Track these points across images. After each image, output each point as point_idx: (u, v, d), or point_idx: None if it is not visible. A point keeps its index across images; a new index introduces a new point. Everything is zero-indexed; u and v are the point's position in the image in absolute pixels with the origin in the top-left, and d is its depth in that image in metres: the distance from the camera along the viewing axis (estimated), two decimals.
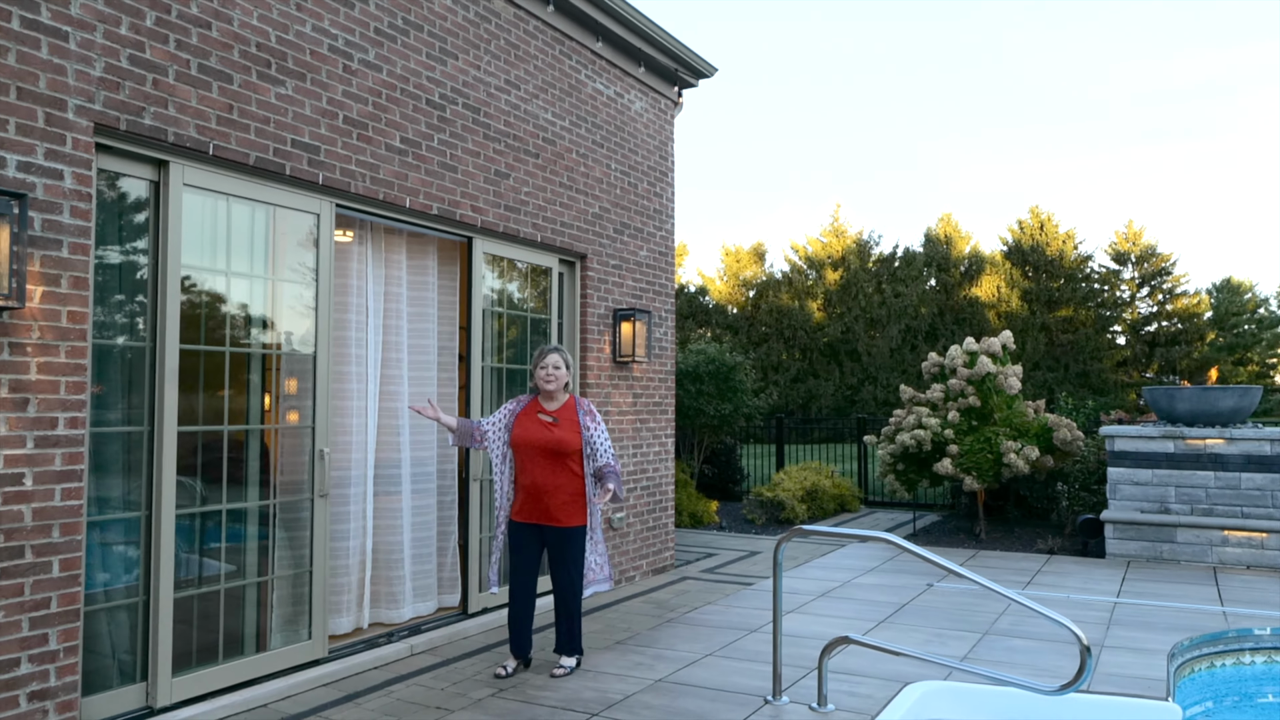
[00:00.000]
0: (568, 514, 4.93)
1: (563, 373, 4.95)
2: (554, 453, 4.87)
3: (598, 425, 5.02)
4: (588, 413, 5.04)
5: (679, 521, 10.48)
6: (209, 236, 4.45)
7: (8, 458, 3.48)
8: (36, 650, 3.55)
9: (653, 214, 7.90)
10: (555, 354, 4.97)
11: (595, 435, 4.99)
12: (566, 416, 4.98)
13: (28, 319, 3.56)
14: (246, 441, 4.65)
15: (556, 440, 4.86)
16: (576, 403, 5.06)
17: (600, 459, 4.99)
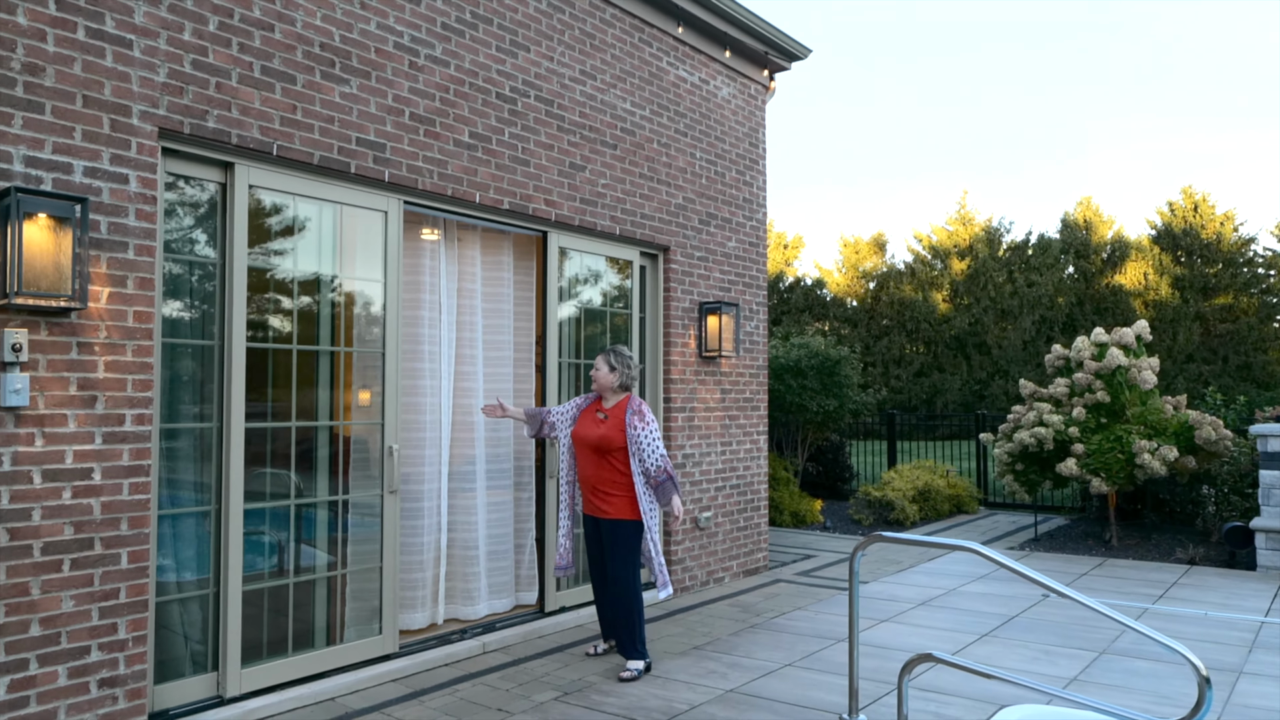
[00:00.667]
0: (613, 507, 5.01)
1: (603, 374, 5.09)
2: (599, 449, 5.02)
3: (645, 425, 5.00)
4: (636, 412, 5.06)
5: (780, 521, 10.15)
6: (275, 236, 4.53)
7: (77, 453, 3.62)
8: (106, 639, 3.68)
9: (742, 204, 7.62)
10: (600, 355, 5.15)
11: (641, 434, 4.98)
12: (616, 415, 5.10)
13: (95, 319, 3.69)
14: (315, 438, 4.71)
15: (600, 437, 5.02)
16: (629, 403, 5.11)
17: (648, 460, 4.97)
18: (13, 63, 3.47)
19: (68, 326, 3.60)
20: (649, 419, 5.02)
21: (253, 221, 4.40)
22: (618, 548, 5.00)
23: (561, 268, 6.10)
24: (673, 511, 5.07)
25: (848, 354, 11.16)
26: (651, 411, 5.27)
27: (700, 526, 7.01)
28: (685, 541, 6.87)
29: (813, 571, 7.81)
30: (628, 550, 5.01)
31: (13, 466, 3.44)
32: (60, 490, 3.56)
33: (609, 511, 5.00)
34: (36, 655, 3.48)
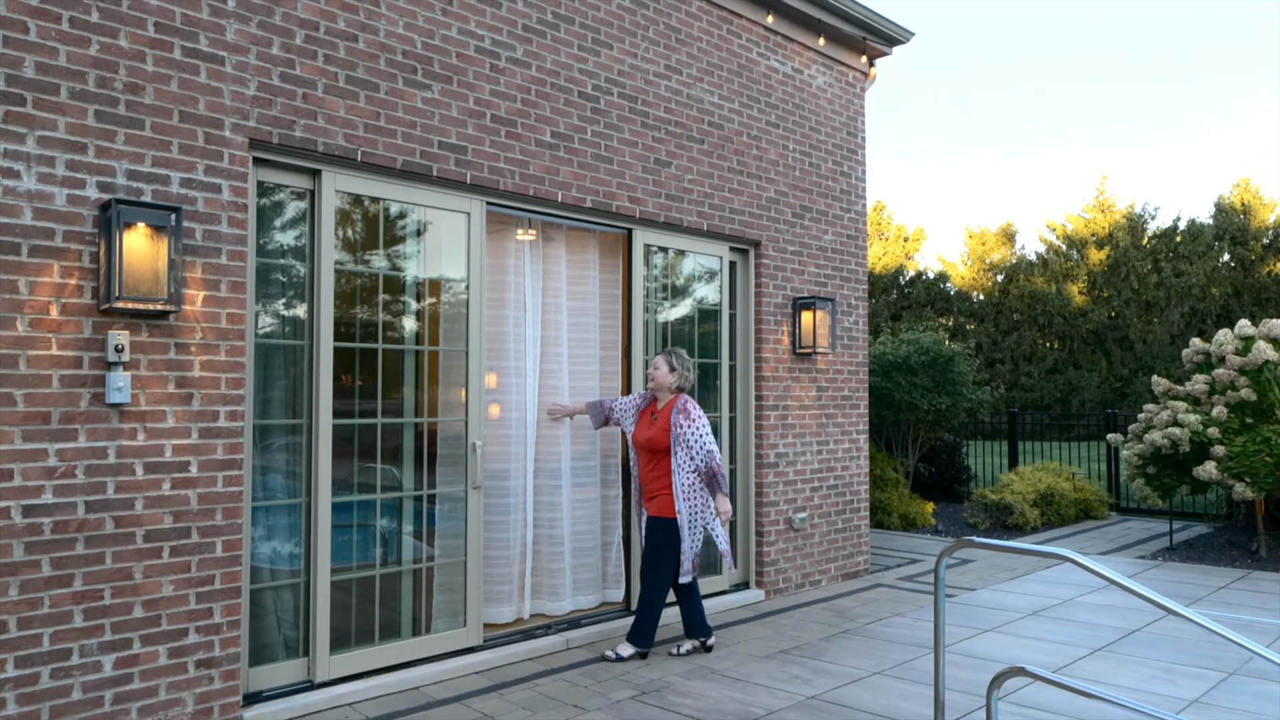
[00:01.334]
0: (654, 506, 5.21)
1: (662, 373, 5.23)
2: (649, 450, 5.23)
3: (690, 422, 5.10)
4: (680, 410, 5.16)
5: (888, 524, 9.81)
6: (361, 239, 4.70)
7: (175, 447, 3.86)
8: (202, 622, 3.91)
9: (838, 195, 7.40)
10: (660, 355, 5.30)
11: (687, 431, 5.10)
12: (664, 416, 5.22)
13: (190, 321, 3.92)
14: (401, 434, 4.86)
15: (649, 438, 5.24)
16: (675, 402, 5.22)
17: (696, 455, 5.07)
18: (115, 83, 3.73)
19: (166, 328, 3.85)
20: (694, 415, 5.14)
21: (339, 225, 4.59)
22: (651, 541, 5.17)
23: (647, 264, 6.08)
24: (719, 509, 5.14)
25: (961, 350, 10.67)
26: (700, 409, 5.24)
27: (795, 528, 6.85)
28: (779, 543, 6.73)
29: (917, 577, 7.51)
30: (659, 545, 5.14)
31: (117, 459, 3.70)
32: (160, 482, 3.81)
33: (650, 509, 5.23)
34: (139, 635, 3.73)
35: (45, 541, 3.51)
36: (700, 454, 5.08)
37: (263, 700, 4.18)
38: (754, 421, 6.70)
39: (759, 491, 6.66)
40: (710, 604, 6.21)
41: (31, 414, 3.50)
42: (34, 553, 3.49)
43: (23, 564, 3.46)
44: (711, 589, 6.39)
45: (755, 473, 6.68)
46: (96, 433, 3.65)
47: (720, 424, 6.54)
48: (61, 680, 3.54)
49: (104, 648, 3.64)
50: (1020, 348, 25.56)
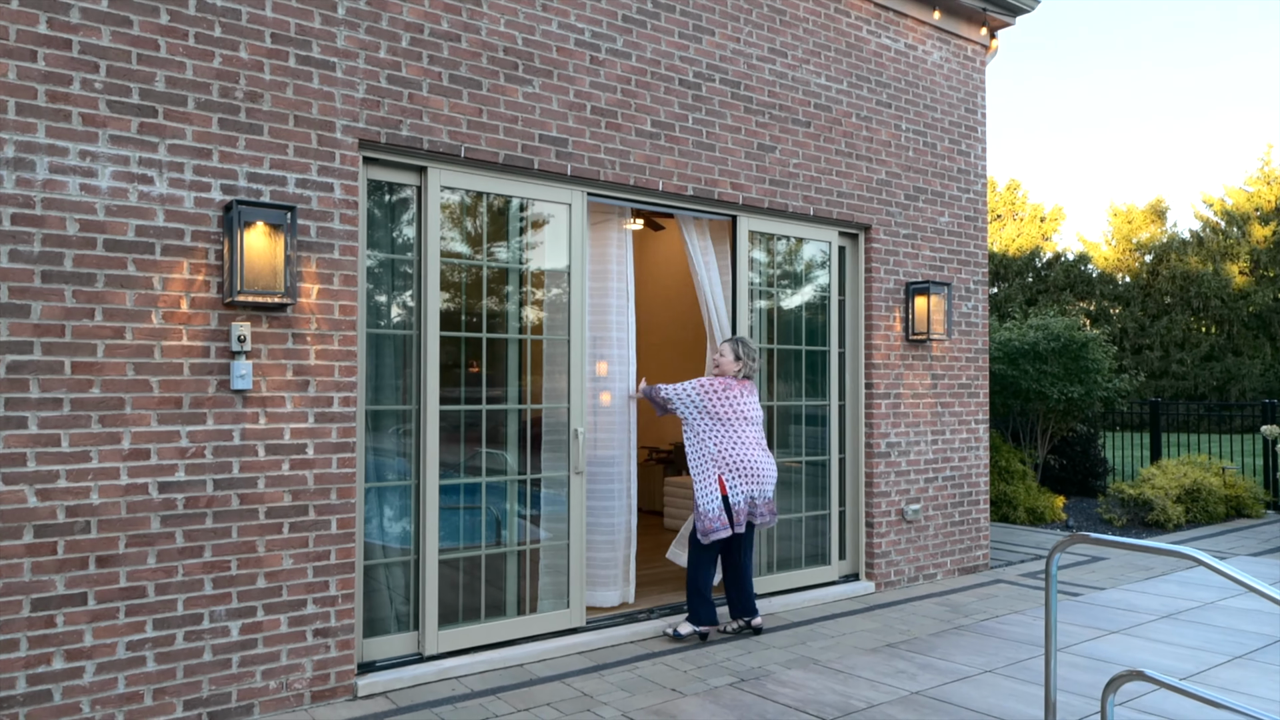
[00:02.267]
0: None
1: (728, 359, 5.36)
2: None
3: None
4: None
5: (1014, 518, 9.38)
6: (465, 232, 4.87)
7: (293, 430, 4.12)
8: (319, 594, 4.17)
9: (955, 175, 7.10)
10: (726, 343, 5.42)
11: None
12: None
13: (306, 313, 4.17)
14: (505, 420, 5.02)
15: None
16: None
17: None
18: (236, 92, 4.01)
19: (283, 320, 4.11)
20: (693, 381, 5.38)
21: (444, 219, 4.76)
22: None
23: (752, 251, 6.02)
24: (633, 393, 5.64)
25: (1096, 335, 10.05)
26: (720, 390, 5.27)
27: (907, 519, 6.65)
28: (890, 534, 6.56)
29: (1040, 574, 7.15)
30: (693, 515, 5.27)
31: (241, 441, 3.98)
32: (280, 462, 4.08)
33: None
34: (262, 604, 4.02)
35: (178, 515, 3.83)
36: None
37: (375, 670, 4.42)
38: (864, 410, 6.54)
39: (869, 481, 6.51)
40: (816, 594, 6.13)
41: (165, 399, 3.82)
42: (169, 525, 3.81)
43: (159, 535, 3.79)
44: (818, 579, 6.30)
45: (865, 462, 6.53)
46: (222, 416, 3.94)
47: (828, 412, 6.42)
48: (194, 642, 3.85)
49: (231, 614, 3.94)
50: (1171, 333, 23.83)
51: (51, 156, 3.60)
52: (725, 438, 5.19)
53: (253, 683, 3.98)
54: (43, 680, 3.54)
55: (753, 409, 5.31)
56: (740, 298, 5.92)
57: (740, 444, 5.20)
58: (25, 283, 3.54)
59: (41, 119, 3.57)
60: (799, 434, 6.37)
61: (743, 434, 5.22)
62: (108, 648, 3.67)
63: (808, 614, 5.86)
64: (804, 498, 6.33)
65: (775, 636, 5.36)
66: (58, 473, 3.58)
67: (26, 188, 3.55)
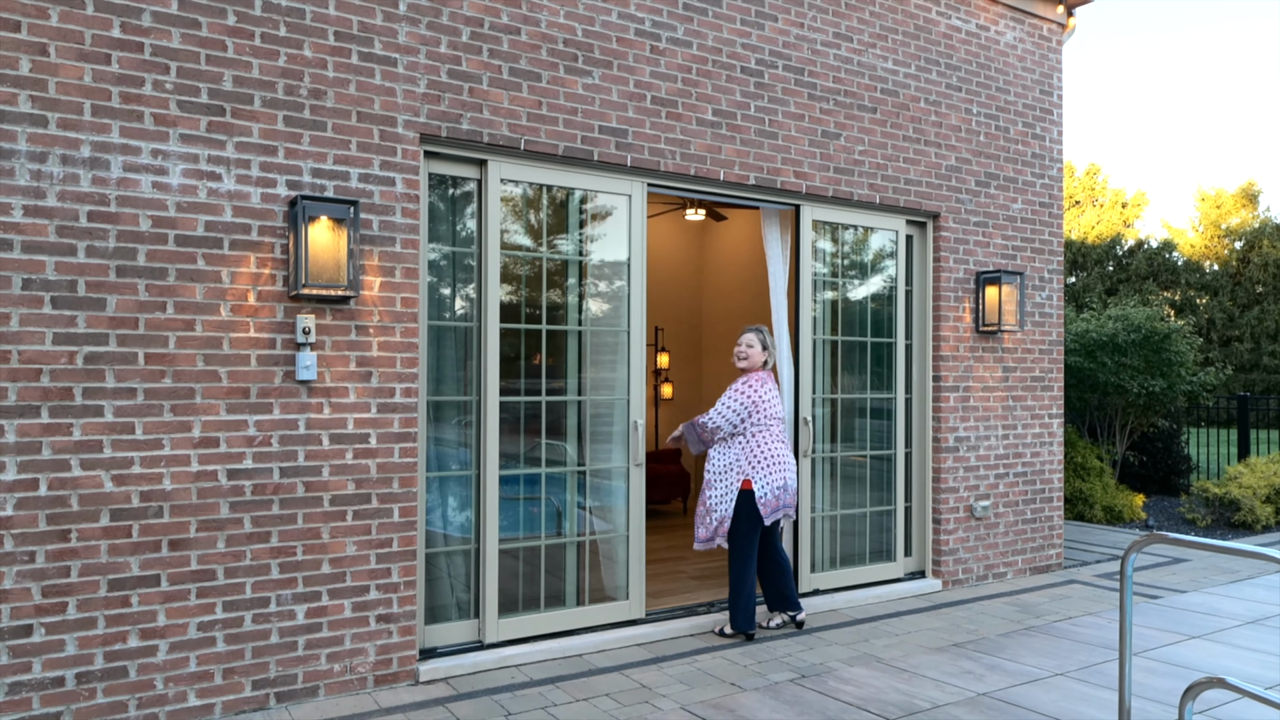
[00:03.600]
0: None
1: (755, 350, 5.20)
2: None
3: (728, 390, 5.15)
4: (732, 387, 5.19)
5: (1089, 516, 9.05)
6: (525, 224, 4.88)
7: (356, 420, 4.20)
8: (382, 581, 4.24)
9: (1029, 160, 6.85)
10: (749, 333, 5.24)
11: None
12: None
13: (369, 305, 4.24)
14: (564, 411, 5.03)
15: None
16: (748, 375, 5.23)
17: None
18: (301, 89, 4.08)
19: (347, 312, 4.18)
20: (733, 389, 5.12)
21: (504, 212, 4.79)
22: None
23: (816, 240, 5.91)
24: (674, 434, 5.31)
25: (1180, 326, 9.61)
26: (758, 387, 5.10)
27: (976, 516, 6.47)
28: (958, 531, 6.39)
29: (1118, 575, 6.88)
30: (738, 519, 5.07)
31: (306, 430, 4.08)
32: (343, 451, 4.16)
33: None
34: (327, 589, 4.11)
35: (246, 502, 3.94)
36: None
37: (436, 656, 4.49)
38: (931, 403, 6.38)
39: (936, 477, 6.35)
40: (880, 591, 6.01)
41: (234, 389, 3.93)
42: (237, 511, 3.92)
43: (228, 520, 3.90)
44: (883, 576, 6.17)
45: (933, 457, 6.37)
46: (288, 406, 4.04)
47: (894, 405, 6.28)
48: (262, 625, 3.96)
49: (297, 598, 4.04)
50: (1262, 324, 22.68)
51: (125, 155, 3.72)
52: (756, 437, 5.11)
53: (318, 665, 4.08)
54: (119, 657, 3.69)
55: (779, 405, 5.22)
56: (804, 288, 5.82)
57: (770, 439, 5.12)
58: (101, 277, 3.68)
59: (115, 119, 3.70)
60: (863, 427, 6.24)
61: (774, 432, 5.15)
62: (179, 628, 3.80)
63: (871, 611, 5.75)
64: (868, 492, 6.21)
65: (838, 633, 5.27)
66: (132, 459, 3.72)
67: (102, 186, 3.68)
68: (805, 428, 5.79)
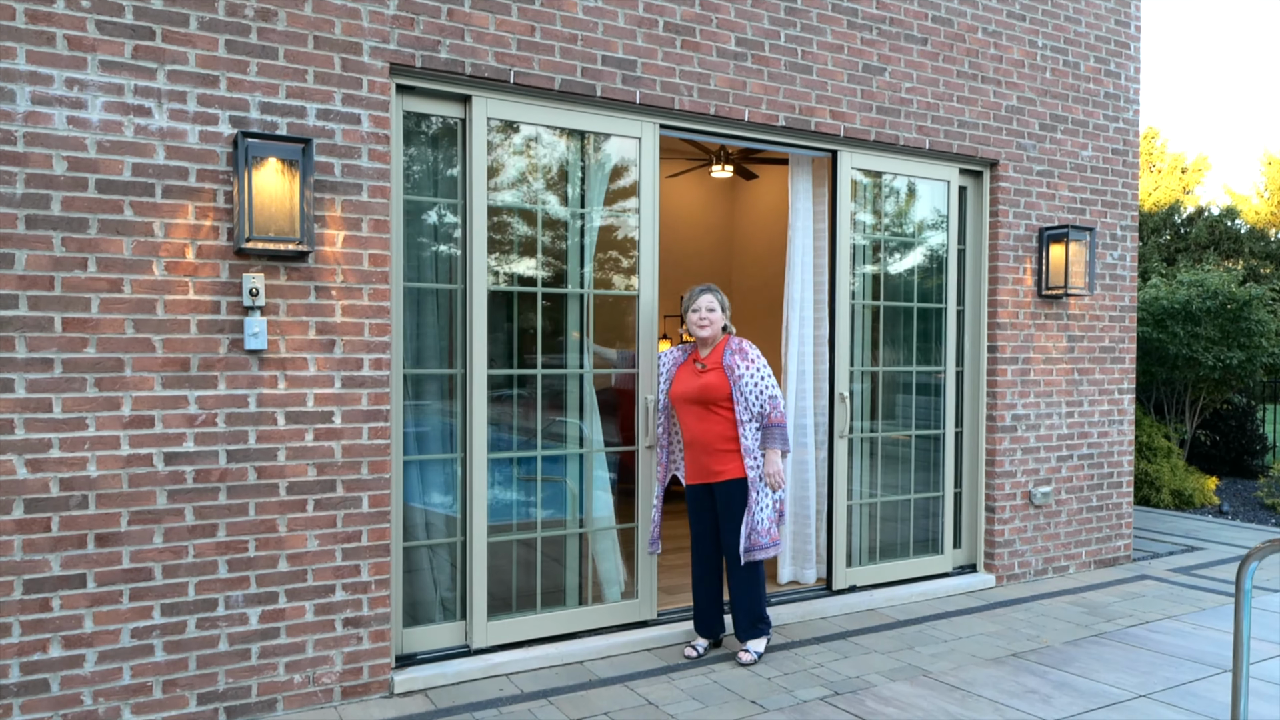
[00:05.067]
0: (724, 465, 4.23)
1: (717, 315, 4.29)
2: (702, 401, 4.25)
3: (749, 364, 4.21)
4: (736, 351, 4.26)
5: (1155, 501, 8.27)
6: (517, 171, 4.26)
7: (318, 396, 3.64)
8: (349, 580, 3.70)
9: (1102, 101, 6.04)
10: (708, 294, 4.30)
11: (744, 374, 4.19)
12: (714, 360, 4.29)
13: (330, 263, 3.66)
14: (564, 386, 4.43)
15: (702, 387, 4.24)
16: (727, 344, 4.31)
17: (752, 401, 4.20)
18: (246, 9, 3.48)
19: (304, 271, 3.61)
20: (751, 355, 4.24)
21: (492, 157, 4.16)
22: (735, 511, 4.22)
23: (854, 191, 5.20)
24: (767, 469, 4.22)
25: (1263, 293, 8.71)
26: (757, 349, 4.31)
27: (1035, 504, 5.77)
28: (1015, 520, 5.69)
29: (1195, 569, 6.14)
30: (741, 510, 4.23)
31: (258, 408, 3.52)
32: (302, 432, 3.61)
33: (722, 472, 4.22)
34: (285, 590, 3.58)
35: (187, 490, 3.40)
36: (756, 400, 4.19)
37: (416, 663, 3.95)
38: (985, 377, 5.67)
39: (990, 460, 5.65)
40: (926, 588, 5.35)
41: (171, 360, 3.38)
42: (177, 501, 3.39)
43: (166, 512, 3.37)
44: (928, 570, 5.51)
45: (986, 437, 5.66)
46: (236, 380, 3.48)
47: (944, 380, 5.58)
48: (208, 630, 3.44)
49: (249, 600, 3.51)
50: None
51: (34, 86, 3.16)
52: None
53: (274, 676, 3.56)
54: (38, 669, 3.19)
55: None
56: (841, 247, 5.13)
57: None
58: (7, 229, 3.13)
59: (21, 42, 3.14)
60: (908, 404, 5.56)
61: None
62: (110, 635, 3.29)
63: (915, 611, 5.10)
64: (913, 476, 5.54)
65: (877, 638, 4.64)
66: (50, 441, 3.19)
67: (6, 121, 3.12)
68: (841, 404, 5.12)
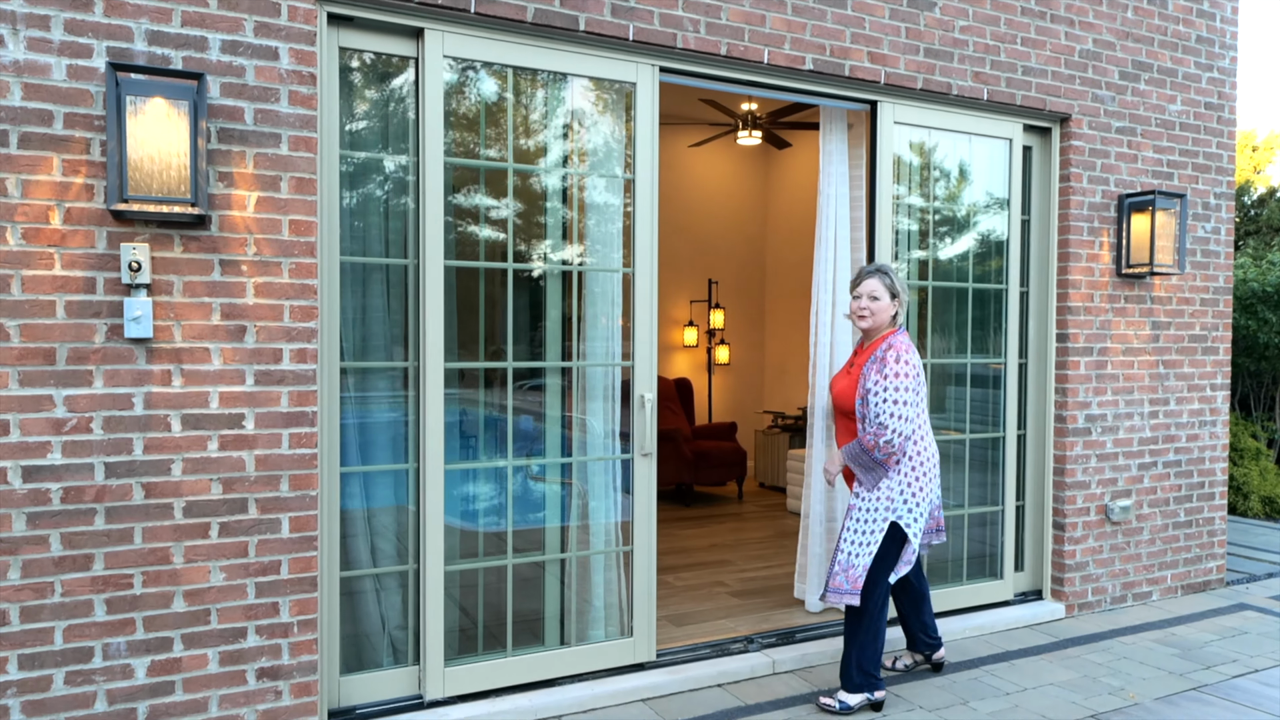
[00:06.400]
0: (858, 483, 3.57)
1: (882, 305, 3.54)
2: (836, 408, 3.68)
3: (881, 375, 3.43)
4: (878, 360, 3.47)
5: (1243, 509, 7.29)
6: (479, 122, 3.52)
7: (224, 395, 2.95)
8: (265, 621, 3.02)
9: (1192, 46, 5.12)
10: (873, 279, 3.57)
11: (872, 388, 3.44)
12: (862, 363, 3.59)
13: (240, 231, 2.97)
14: (542, 381, 3.70)
15: (837, 394, 3.65)
16: (881, 345, 3.52)
17: (867, 418, 3.45)
18: None
19: (206, 241, 2.92)
20: (889, 366, 3.41)
21: (451, 105, 3.43)
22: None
23: (897, 152, 4.37)
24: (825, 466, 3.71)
25: None
26: (913, 353, 3.47)
27: (1113, 519, 4.90)
28: (1088, 539, 4.84)
29: None
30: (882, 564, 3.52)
31: (146, 410, 2.85)
32: (204, 440, 2.93)
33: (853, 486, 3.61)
34: (181, 635, 2.91)
35: (54, 513, 2.75)
36: (873, 423, 3.39)
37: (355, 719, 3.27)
38: (1054, 370, 4.81)
39: (1060, 468, 4.79)
40: (982, 620, 4.53)
41: (30, 351, 2.72)
42: (39, 526, 2.73)
43: (25, 540, 2.72)
44: (985, 599, 4.68)
45: (1055, 441, 4.81)
46: (117, 376, 2.81)
47: (1004, 373, 4.74)
48: (80, 687, 2.79)
49: (135, 649, 2.85)
50: None
51: None
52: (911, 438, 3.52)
53: None
54: None
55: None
56: (881, 217, 4.31)
57: (924, 437, 3.56)
58: None
59: None
60: (960, 400, 4.73)
61: (925, 424, 3.59)
62: None
63: (969, 650, 4.29)
64: (967, 486, 4.71)
65: (921, 689, 3.84)
66: None
67: None
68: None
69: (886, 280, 3.55)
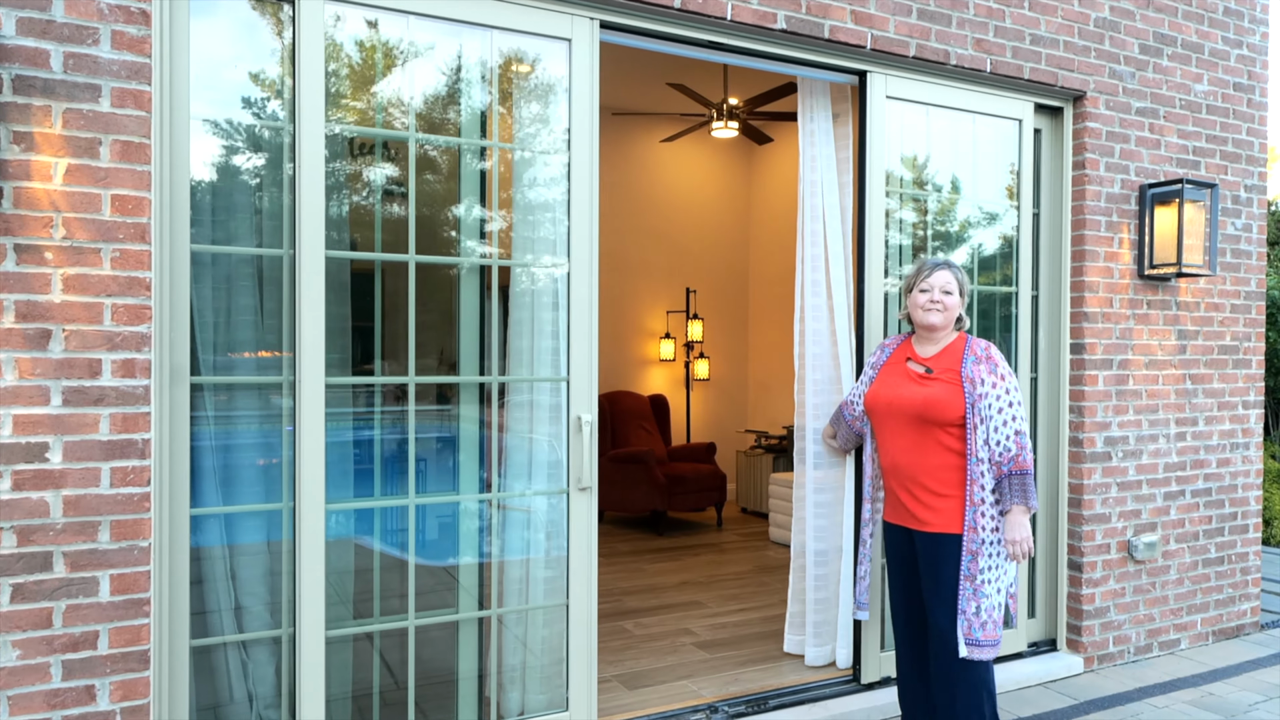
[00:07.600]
0: (938, 515, 2.91)
1: (954, 300, 3.04)
2: (920, 420, 2.94)
3: (998, 380, 2.89)
4: (982, 360, 2.94)
5: (1266, 536, 6.65)
6: (376, 83, 2.88)
7: (19, 420, 2.29)
8: (76, 711, 2.34)
9: (1219, 18, 4.52)
10: (944, 271, 3.05)
11: (988, 393, 2.87)
12: (947, 366, 2.97)
13: (44, 208, 2.32)
14: (455, 400, 3.04)
15: (925, 402, 2.92)
16: (967, 345, 3.01)
17: (996, 438, 2.84)
18: None
19: None
20: (1000, 368, 2.91)
21: (337, 63, 2.79)
22: (946, 580, 2.88)
23: (889, 131, 3.74)
24: (1009, 535, 2.83)
25: None
26: (1005, 361, 2.98)
27: (1136, 557, 4.25)
28: (1109, 580, 4.19)
29: None
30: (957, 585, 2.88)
31: None
32: None
33: (930, 522, 2.92)
34: None
35: None
36: (998, 438, 2.84)
37: None
38: (1068, 386, 4.18)
39: (1075, 499, 4.15)
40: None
41: None
42: None
43: None
44: None
45: (1069, 468, 4.17)
46: None
47: None
48: None
49: None
50: None
51: None
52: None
53: None
54: None
55: None
56: (871, 209, 3.68)
57: None
58: None
59: None
60: None
61: None
62: None
63: None
64: None
65: None
66: None
67: None
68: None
69: (959, 275, 3.07)
